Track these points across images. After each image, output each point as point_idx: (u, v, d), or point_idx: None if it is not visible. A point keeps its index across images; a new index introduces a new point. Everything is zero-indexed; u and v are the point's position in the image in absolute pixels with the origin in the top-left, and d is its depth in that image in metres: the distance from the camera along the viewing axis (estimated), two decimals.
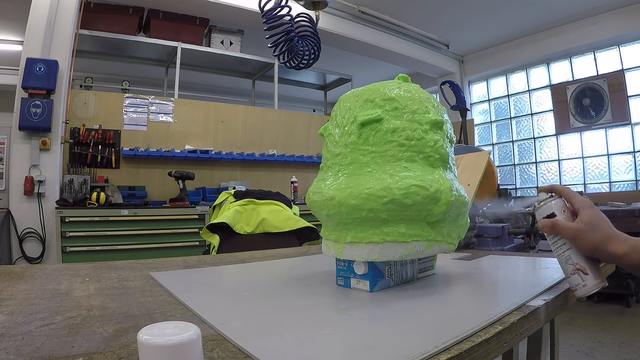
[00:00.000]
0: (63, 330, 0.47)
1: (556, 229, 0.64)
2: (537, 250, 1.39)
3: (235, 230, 1.71)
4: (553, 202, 0.67)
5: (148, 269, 0.91)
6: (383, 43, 4.92)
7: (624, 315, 3.19)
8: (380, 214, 0.62)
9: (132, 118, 3.72)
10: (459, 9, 4.51)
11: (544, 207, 0.67)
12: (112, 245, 2.94)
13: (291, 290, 0.70)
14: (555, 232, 0.65)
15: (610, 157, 4.77)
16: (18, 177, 2.93)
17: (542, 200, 0.68)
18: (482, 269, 0.89)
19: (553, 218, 0.65)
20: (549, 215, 0.66)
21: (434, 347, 0.39)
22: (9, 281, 0.76)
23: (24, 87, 2.88)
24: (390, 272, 0.69)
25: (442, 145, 0.67)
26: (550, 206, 0.67)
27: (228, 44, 4.32)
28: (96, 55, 4.19)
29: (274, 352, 0.40)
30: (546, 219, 0.66)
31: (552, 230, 0.65)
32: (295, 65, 2.07)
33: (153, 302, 0.61)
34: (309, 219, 1.78)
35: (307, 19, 2.07)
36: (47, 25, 3.02)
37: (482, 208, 1.48)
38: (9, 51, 4.80)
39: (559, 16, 4.69)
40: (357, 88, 0.73)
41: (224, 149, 4.08)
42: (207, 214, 3.28)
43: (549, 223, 0.65)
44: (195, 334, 0.29)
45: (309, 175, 4.55)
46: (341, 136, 0.69)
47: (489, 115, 5.98)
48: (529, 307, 0.55)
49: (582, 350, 2.44)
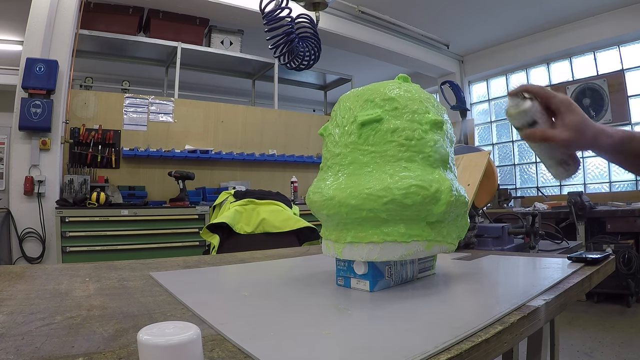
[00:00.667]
0: (63, 330, 0.47)
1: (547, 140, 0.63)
2: (537, 250, 1.39)
3: (235, 230, 1.71)
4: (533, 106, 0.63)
5: (148, 269, 0.91)
6: (383, 43, 4.92)
7: (624, 315, 3.19)
8: (380, 214, 0.63)
9: (132, 118, 3.71)
10: (459, 9, 4.51)
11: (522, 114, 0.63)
12: (112, 245, 2.94)
13: (291, 290, 0.70)
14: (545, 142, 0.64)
15: None
16: (18, 177, 2.93)
17: (517, 105, 0.64)
18: (482, 269, 0.89)
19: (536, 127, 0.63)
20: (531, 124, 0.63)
21: (434, 347, 0.39)
22: (9, 281, 0.76)
23: (24, 87, 2.88)
24: (390, 272, 0.69)
25: (442, 145, 0.67)
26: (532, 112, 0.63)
27: (228, 44, 4.32)
28: (96, 55, 4.19)
29: (274, 352, 0.40)
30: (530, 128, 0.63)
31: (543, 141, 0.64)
32: (296, 67, 2.07)
33: (153, 302, 0.61)
34: (309, 219, 1.78)
35: (307, 20, 2.07)
36: (47, 25, 3.02)
37: (482, 208, 1.48)
38: (9, 51, 4.80)
39: (559, 16, 4.69)
40: (357, 88, 0.73)
41: (224, 149, 4.08)
42: (207, 214, 3.28)
43: (538, 135, 0.63)
44: (195, 334, 0.29)
45: (309, 175, 4.55)
46: (341, 136, 0.69)
47: (489, 115, 5.98)
48: (529, 307, 0.55)
49: (582, 350, 2.44)
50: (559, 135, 0.62)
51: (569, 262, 0.88)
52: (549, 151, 0.66)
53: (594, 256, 0.86)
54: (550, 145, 0.65)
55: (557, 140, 0.62)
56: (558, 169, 0.66)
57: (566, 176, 0.67)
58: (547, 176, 5.31)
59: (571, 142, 0.62)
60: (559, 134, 0.62)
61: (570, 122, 0.62)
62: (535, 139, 0.64)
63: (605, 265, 0.86)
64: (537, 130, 0.63)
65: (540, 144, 0.65)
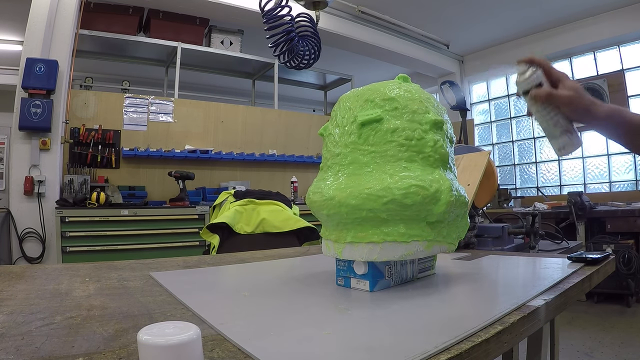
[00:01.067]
0: (63, 330, 0.47)
1: (552, 97, 0.71)
2: (537, 250, 1.39)
3: (235, 230, 1.71)
4: (538, 72, 0.73)
5: (148, 269, 0.91)
6: (383, 43, 4.92)
7: (624, 315, 3.19)
8: (380, 214, 0.63)
9: (132, 118, 3.71)
10: (459, 9, 4.51)
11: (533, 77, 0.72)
12: (112, 245, 2.94)
13: (291, 290, 0.70)
14: (550, 100, 0.72)
15: (610, 157, 4.77)
16: (18, 177, 2.93)
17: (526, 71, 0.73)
18: (482, 269, 0.89)
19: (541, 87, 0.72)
20: (537, 85, 0.72)
21: (434, 347, 0.39)
22: (9, 281, 0.76)
23: (24, 87, 2.88)
24: (390, 272, 0.69)
25: (442, 145, 0.67)
26: (538, 76, 0.72)
27: (228, 44, 4.32)
28: (96, 55, 4.19)
29: (274, 352, 0.40)
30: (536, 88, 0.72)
31: (548, 98, 0.72)
32: (296, 66, 2.08)
33: (153, 302, 0.61)
34: (309, 219, 1.78)
35: (307, 19, 2.07)
36: (47, 25, 3.02)
37: (482, 208, 1.48)
38: (9, 51, 4.80)
39: (559, 16, 4.69)
40: (357, 88, 0.73)
41: (224, 149, 4.08)
42: (207, 214, 3.28)
43: (543, 93, 0.72)
44: (195, 334, 0.29)
45: (309, 175, 4.55)
46: (341, 136, 0.69)
47: (489, 115, 5.98)
48: (529, 307, 0.55)
49: (582, 350, 2.44)
50: (563, 93, 0.71)
51: (569, 262, 0.88)
52: (554, 119, 0.73)
53: (594, 256, 0.86)
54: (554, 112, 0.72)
55: (561, 96, 0.71)
56: (563, 138, 0.73)
57: (571, 147, 0.73)
58: (547, 176, 5.31)
59: (572, 101, 0.70)
60: (562, 92, 0.71)
61: (571, 84, 0.71)
62: (542, 97, 0.72)
63: (605, 265, 0.86)
64: (544, 89, 0.72)
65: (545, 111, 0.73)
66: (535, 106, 0.74)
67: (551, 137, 0.75)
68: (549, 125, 0.74)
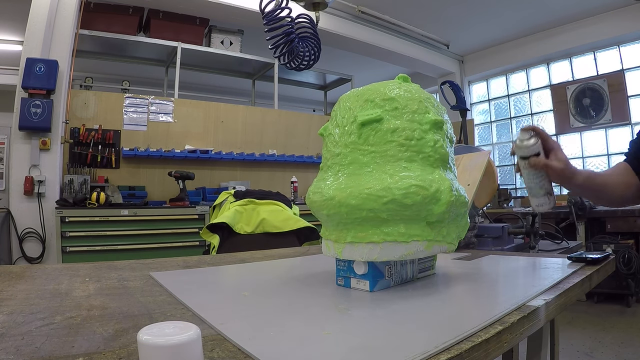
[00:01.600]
0: (63, 330, 0.47)
1: (547, 168, 0.83)
2: (537, 250, 1.39)
3: (235, 230, 1.71)
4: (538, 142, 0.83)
5: (148, 269, 0.91)
6: (383, 43, 4.92)
7: (624, 315, 3.19)
8: (380, 213, 0.62)
9: (132, 118, 3.71)
10: (459, 9, 4.51)
11: (534, 146, 0.83)
12: (112, 245, 2.94)
13: (291, 290, 0.70)
14: (545, 169, 0.84)
15: (610, 157, 4.77)
16: (18, 177, 2.93)
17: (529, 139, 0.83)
18: (482, 269, 0.89)
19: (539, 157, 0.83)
20: (536, 154, 0.83)
21: (434, 347, 0.39)
22: (9, 281, 0.76)
23: (24, 87, 2.88)
24: (390, 272, 0.69)
25: (442, 145, 0.67)
26: (538, 146, 0.83)
27: (228, 44, 4.32)
28: (96, 55, 4.19)
29: (274, 352, 0.40)
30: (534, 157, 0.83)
31: (544, 169, 0.84)
32: (296, 67, 2.07)
33: (153, 302, 0.61)
34: (309, 219, 1.78)
35: (307, 20, 2.07)
36: (47, 25, 3.02)
37: (482, 208, 1.48)
38: (9, 51, 4.80)
39: (559, 16, 4.69)
40: (357, 88, 0.73)
41: (224, 149, 4.08)
42: (207, 214, 3.27)
43: (542, 163, 0.83)
44: (195, 334, 0.29)
45: (309, 175, 4.55)
46: (341, 136, 0.69)
47: (489, 115, 5.98)
48: (529, 307, 0.55)
49: (582, 350, 2.44)
50: (557, 166, 0.83)
51: (569, 262, 0.88)
52: (541, 182, 0.85)
53: (594, 256, 0.86)
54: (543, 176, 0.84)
55: (555, 169, 0.83)
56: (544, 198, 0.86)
57: (548, 207, 0.86)
58: None
59: (562, 172, 0.83)
60: (556, 164, 0.83)
61: (562, 157, 0.84)
62: (539, 166, 0.83)
63: (605, 265, 0.86)
64: (542, 160, 0.83)
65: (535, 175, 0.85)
66: (528, 170, 0.85)
67: (533, 195, 0.87)
68: (535, 186, 0.85)
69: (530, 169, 0.84)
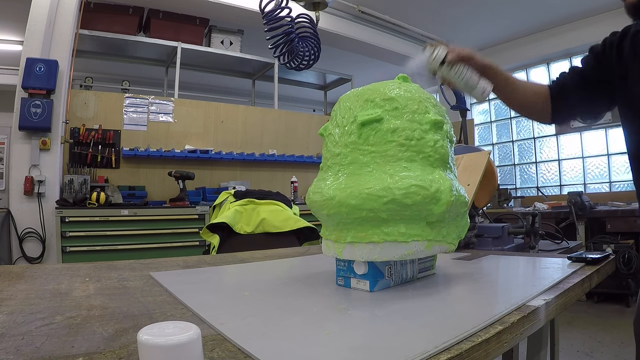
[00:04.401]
0: (63, 330, 0.47)
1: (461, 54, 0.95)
2: (537, 250, 1.39)
3: (235, 230, 1.71)
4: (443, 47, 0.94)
5: (148, 269, 0.91)
6: (383, 43, 4.91)
7: (624, 315, 3.19)
8: (380, 213, 0.62)
9: (132, 118, 3.71)
10: (458, 9, 4.50)
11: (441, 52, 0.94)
12: (112, 245, 2.94)
13: (291, 290, 0.70)
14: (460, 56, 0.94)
15: (610, 157, 4.77)
16: (18, 177, 2.93)
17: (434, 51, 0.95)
18: (482, 269, 0.89)
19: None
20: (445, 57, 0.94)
21: (434, 347, 0.39)
22: (9, 281, 0.76)
23: (24, 87, 2.88)
24: (390, 272, 0.69)
25: (442, 145, 0.67)
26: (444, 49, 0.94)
27: (228, 44, 4.32)
28: (96, 55, 4.19)
29: (274, 352, 0.40)
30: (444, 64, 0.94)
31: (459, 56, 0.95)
32: (296, 66, 2.08)
33: (153, 302, 0.61)
34: (309, 219, 1.78)
35: (307, 20, 2.07)
36: (47, 25, 3.02)
37: (482, 208, 1.48)
38: (9, 51, 4.80)
39: (559, 16, 4.68)
40: (357, 88, 0.73)
41: (224, 149, 4.08)
42: (207, 214, 3.27)
43: (454, 54, 0.94)
44: (195, 334, 0.29)
45: (309, 175, 4.55)
46: (341, 136, 0.69)
47: (489, 115, 5.98)
48: (529, 307, 0.55)
49: (582, 350, 2.44)
50: (467, 49, 0.96)
51: (569, 262, 0.88)
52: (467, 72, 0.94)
53: (594, 256, 0.86)
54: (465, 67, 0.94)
55: (464, 50, 0.95)
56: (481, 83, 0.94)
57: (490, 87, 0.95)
58: (547, 176, 5.31)
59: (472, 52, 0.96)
60: (466, 49, 0.96)
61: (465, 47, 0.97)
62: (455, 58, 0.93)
63: (605, 265, 0.86)
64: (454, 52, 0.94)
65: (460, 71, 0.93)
66: (451, 71, 0.94)
67: (472, 87, 0.94)
68: (468, 79, 0.93)
69: (451, 68, 0.94)
